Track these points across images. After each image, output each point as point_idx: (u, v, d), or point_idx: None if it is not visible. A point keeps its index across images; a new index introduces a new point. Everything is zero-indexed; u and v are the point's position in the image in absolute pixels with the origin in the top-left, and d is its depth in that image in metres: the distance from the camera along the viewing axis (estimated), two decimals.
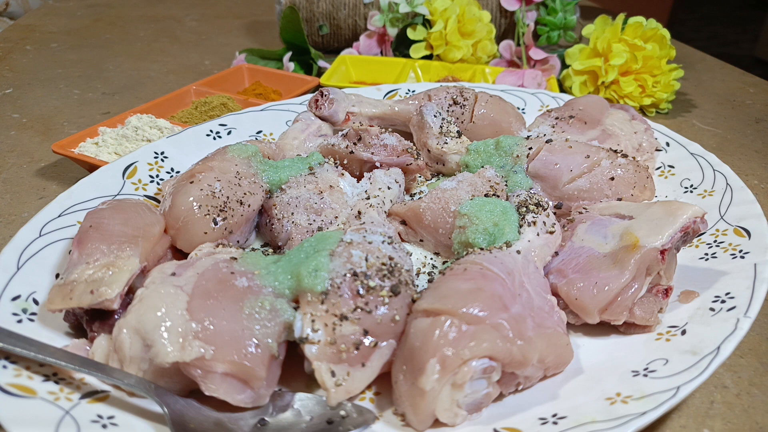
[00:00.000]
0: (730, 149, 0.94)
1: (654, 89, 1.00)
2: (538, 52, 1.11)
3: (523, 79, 1.05)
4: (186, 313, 0.46)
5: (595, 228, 0.59)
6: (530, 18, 1.18)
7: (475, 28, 1.11)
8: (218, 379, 0.44)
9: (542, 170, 0.68)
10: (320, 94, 0.82)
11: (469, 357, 0.43)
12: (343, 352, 0.46)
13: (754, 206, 0.63)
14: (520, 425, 0.44)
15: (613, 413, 0.43)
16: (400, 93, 0.94)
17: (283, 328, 0.48)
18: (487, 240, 0.57)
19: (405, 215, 0.65)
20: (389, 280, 0.50)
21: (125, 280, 0.50)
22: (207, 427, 0.44)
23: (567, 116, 0.80)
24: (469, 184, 0.65)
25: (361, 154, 0.71)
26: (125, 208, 0.59)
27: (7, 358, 0.46)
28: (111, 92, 1.14)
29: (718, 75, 1.25)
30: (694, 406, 0.51)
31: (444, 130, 0.76)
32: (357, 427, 0.45)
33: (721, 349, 0.46)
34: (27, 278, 0.55)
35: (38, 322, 0.52)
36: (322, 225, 0.62)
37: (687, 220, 0.55)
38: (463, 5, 1.10)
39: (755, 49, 3.72)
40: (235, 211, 0.62)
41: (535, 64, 1.12)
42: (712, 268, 0.57)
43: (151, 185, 0.72)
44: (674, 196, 0.71)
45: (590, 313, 0.52)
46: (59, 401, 0.44)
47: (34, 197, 0.80)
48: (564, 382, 0.49)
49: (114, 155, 0.81)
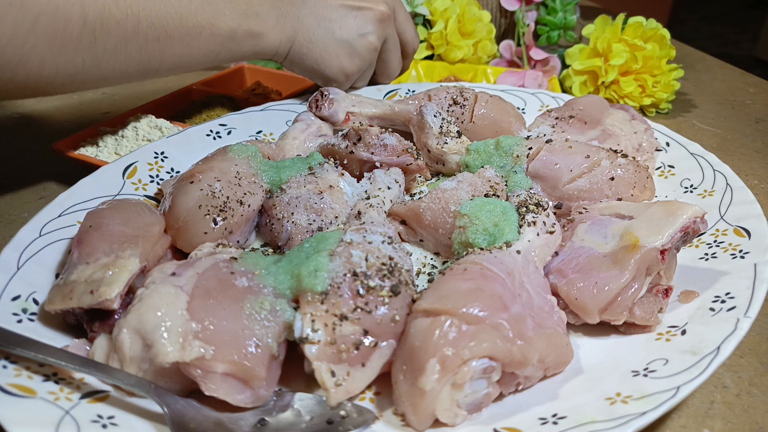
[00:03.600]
0: (730, 149, 0.94)
1: (654, 89, 1.00)
2: (539, 52, 1.11)
3: (524, 80, 1.05)
4: (186, 313, 0.46)
5: (595, 228, 0.59)
6: (530, 18, 1.18)
7: (476, 28, 1.11)
8: (218, 379, 0.44)
9: (542, 170, 0.68)
10: (320, 95, 0.82)
11: (469, 357, 0.43)
12: (343, 352, 0.46)
13: (754, 206, 0.63)
14: (520, 425, 0.45)
15: (613, 413, 0.43)
16: (400, 93, 0.94)
17: (283, 328, 0.48)
18: (487, 240, 0.57)
19: (405, 215, 0.65)
20: (389, 280, 0.50)
21: (125, 280, 0.50)
22: (207, 427, 0.44)
23: (567, 116, 0.80)
24: (469, 184, 0.65)
25: (361, 154, 0.71)
26: (125, 208, 0.59)
27: (7, 358, 0.46)
28: (111, 92, 1.14)
29: (718, 75, 1.25)
30: (694, 406, 0.51)
31: (444, 130, 0.76)
32: (357, 427, 0.45)
33: (721, 349, 0.46)
34: (27, 278, 0.55)
35: (38, 322, 0.52)
36: (322, 225, 0.62)
37: (687, 220, 0.55)
38: (463, 5, 1.10)
39: (755, 49, 3.72)
40: (235, 211, 0.62)
41: (535, 65, 1.12)
42: (712, 268, 0.57)
43: (151, 185, 0.72)
44: (674, 196, 0.71)
45: (590, 313, 0.52)
46: (59, 401, 0.44)
47: (34, 197, 0.80)
48: (564, 382, 0.49)
49: (114, 155, 0.81)
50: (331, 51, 0.82)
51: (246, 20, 0.75)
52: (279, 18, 0.78)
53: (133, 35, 0.66)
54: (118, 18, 0.64)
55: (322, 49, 0.82)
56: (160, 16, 0.68)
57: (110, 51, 0.65)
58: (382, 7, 0.83)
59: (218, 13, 0.72)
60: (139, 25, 0.66)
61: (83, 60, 0.64)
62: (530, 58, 1.12)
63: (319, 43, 0.82)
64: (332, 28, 0.81)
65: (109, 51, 0.65)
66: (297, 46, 0.81)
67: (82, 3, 0.61)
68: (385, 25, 0.85)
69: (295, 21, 0.80)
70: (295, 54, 0.82)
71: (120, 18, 0.64)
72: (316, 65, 0.84)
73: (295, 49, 0.82)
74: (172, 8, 0.68)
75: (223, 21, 0.73)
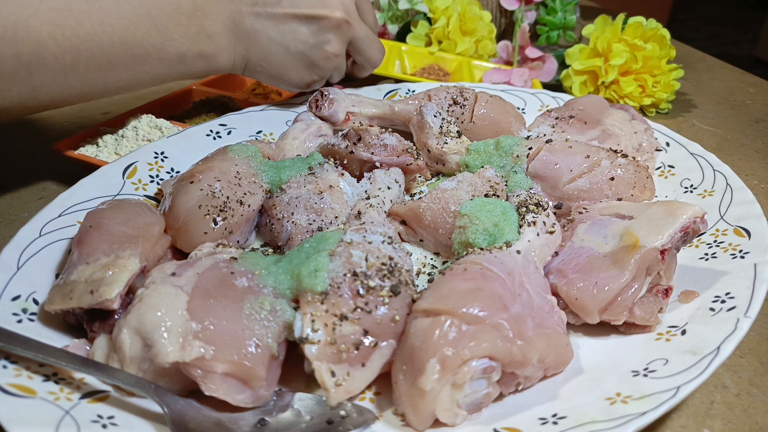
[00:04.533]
0: (730, 149, 0.94)
1: (654, 89, 1.00)
2: (534, 51, 1.11)
3: (510, 77, 1.05)
4: (186, 313, 0.46)
5: (595, 228, 0.59)
6: (530, 18, 1.18)
7: (477, 27, 1.11)
8: (218, 379, 0.44)
9: (542, 170, 0.68)
10: (320, 94, 0.82)
11: (469, 357, 0.44)
12: (343, 352, 0.46)
13: (754, 206, 0.63)
14: (520, 425, 0.45)
15: (613, 413, 0.43)
16: (400, 93, 0.94)
17: (283, 328, 0.48)
18: (487, 240, 0.57)
19: (405, 215, 0.66)
20: (389, 280, 0.50)
21: (125, 280, 0.50)
22: (207, 427, 0.44)
23: (567, 116, 0.80)
24: (469, 184, 0.65)
25: (361, 154, 0.71)
26: (125, 208, 0.59)
27: (7, 358, 0.46)
28: None
29: (718, 75, 1.25)
30: (694, 406, 0.51)
31: (444, 130, 0.76)
32: (357, 427, 0.45)
33: (721, 349, 0.46)
34: (27, 278, 0.55)
35: (38, 322, 0.52)
36: (322, 225, 0.62)
37: (687, 220, 0.55)
38: (464, 4, 1.10)
39: (755, 49, 3.72)
40: (235, 211, 0.62)
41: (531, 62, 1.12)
42: (712, 268, 0.57)
43: (151, 185, 0.72)
44: (674, 196, 0.71)
45: (590, 313, 0.52)
46: (59, 401, 0.44)
47: (34, 197, 0.80)
48: (564, 382, 0.49)
49: (114, 155, 0.81)
50: (287, 65, 0.80)
51: (197, 43, 0.73)
52: (231, 38, 0.76)
53: (72, 67, 0.64)
54: (55, 53, 0.62)
55: (277, 65, 0.80)
56: (103, 46, 0.65)
57: (48, 84, 0.64)
58: (337, 14, 0.79)
59: (166, 38, 0.70)
60: (78, 57, 0.64)
61: (18, 93, 0.63)
62: (525, 58, 1.12)
63: (273, 59, 0.79)
64: (286, 43, 0.78)
65: (48, 84, 0.64)
66: (252, 64, 0.80)
67: (16, 41, 0.60)
68: (344, 30, 0.81)
69: (247, 40, 0.77)
70: (251, 71, 0.81)
71: (57, 52, 0.62)
72: (274, 79, 0.82)
73: (250, 66, 0.80)
74: (115, 37, 0.66)
75: (171, 45, 0.71)
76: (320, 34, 0.79)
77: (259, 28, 0.77)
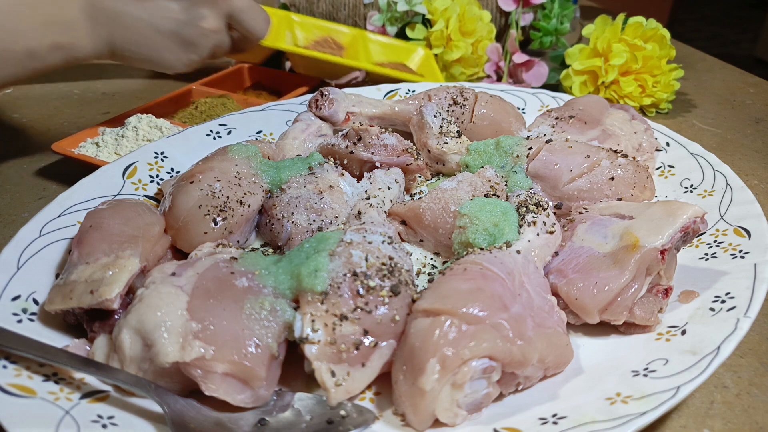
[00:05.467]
0: (730, 149, 0.94)
1: (654, 89, 1.00)
2: (522, 56, 1.10)
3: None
4: (186, 313, 0.46)
5: (595, 228, 0.59)
6: (526, 20, 1.18)
7: (476, 27, 1.11)
8: (218, 379, 0.44)
9: (542, 170, 0.68)
10: (320, 94, 0.82)
11: (469, 357, 0.44)
12: (343, 352, 0.46)
13: (754, 206, 0.63)
14: (520, 425, 0.45)
15: (613, 413, 0.43)
16: (400, 93, 0.94)
17: (283, 328, 0.48)
18: (487, 240, 0.57)
19: (405, 215, 0.66)
20: (389, 280, 0.50)
21: (125, 280, 0.50)
22: (207, 427, 0.44)
23: (567, 116, 0.80)
24: (469, 184, 0.65)
25: (361, 154, 0.71)
26: (125, 208, 0.59)
27: (7, 358, 0.46)
28: (111, 92, 1.14)
29: (718, 75, 1.25)
30: (694, 406, 0.51)
31: (444, 130, 0.76)
32: (357, 427, 0.45)
33: (721, 349, 0.46)
34: (27, 278, 0.55)
35: (38, 322, 0.52)
36: (322, 225, 0.62)
37: (687, 220, 0.55)
38: (463, 5, 1.10)
39: (755, 49, 3.72)
40: (235, 211, 0.62)
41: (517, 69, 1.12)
42: (712, 268, 0.57)
43: (151, 185, 0.72)
44: (674, 196, 0.71)
45: (590, 313, 0.52)
46: (59, 401, 0.44)
47: (34, 197, 0.80)
48: (564, 382, 0.49)
49: (114, 155, 0.81)
50: (160, 46, 0.74)
51: (49, 34, 0.67)
52: (89, 22, 0.70)
53: None
54: None
55: (147, 47, 0.74)
56: None
57: None
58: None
59: (10, 34, 0.65)
60: None
61: None
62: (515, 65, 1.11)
63: (142, 40, 0.73)
64: (154, 22, 0.73)
65: None
66: (119, 49, 0.74)
67: None
68: (219, 2, 0.75)
69: (110, 23, 0.71)
70: (119, 56, 0.75)
71: None
72: (148, 62, 0.77)
73: (117, 51, 0.74)
74: None
75: (17, 42, 0.65)
76: (192, 9, 0.75)
77: (121, 9, 0.71)
